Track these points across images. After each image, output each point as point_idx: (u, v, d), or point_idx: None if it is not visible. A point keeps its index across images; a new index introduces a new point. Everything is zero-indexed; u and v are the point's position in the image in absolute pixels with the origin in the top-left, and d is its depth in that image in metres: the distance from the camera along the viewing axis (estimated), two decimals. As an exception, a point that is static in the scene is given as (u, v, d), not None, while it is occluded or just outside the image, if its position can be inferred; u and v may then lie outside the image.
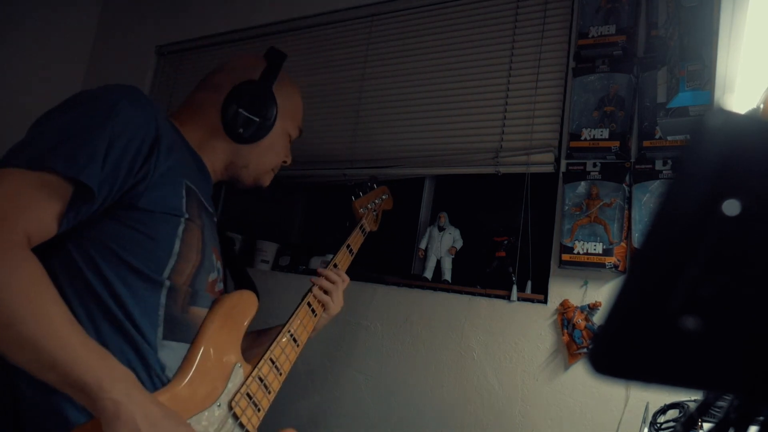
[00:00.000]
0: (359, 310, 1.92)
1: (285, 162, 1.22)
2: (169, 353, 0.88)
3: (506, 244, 1.81)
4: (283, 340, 1.08)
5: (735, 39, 1.01)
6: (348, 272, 2.07)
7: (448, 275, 1.86)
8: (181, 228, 0.91)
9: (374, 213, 1.56)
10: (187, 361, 0.90)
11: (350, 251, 1.39)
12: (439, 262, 1.89)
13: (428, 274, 1.88)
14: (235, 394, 0.94)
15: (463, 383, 1.68)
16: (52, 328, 0.71)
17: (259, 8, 2.52)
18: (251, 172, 1.14)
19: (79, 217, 0.81)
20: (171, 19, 2.81)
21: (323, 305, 1.24)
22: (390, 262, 2.10)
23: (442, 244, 1.89)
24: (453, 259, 1.88)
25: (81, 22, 3.03)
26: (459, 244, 1.90)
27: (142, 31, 2.90)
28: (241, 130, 1.05)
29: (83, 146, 0.79)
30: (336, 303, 1.26)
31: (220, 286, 1.04)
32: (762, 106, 0.96)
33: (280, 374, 1.06)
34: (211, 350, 0.93)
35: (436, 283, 1.83)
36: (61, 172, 0.77)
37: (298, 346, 1.12)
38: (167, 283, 0.89)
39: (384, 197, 1.63)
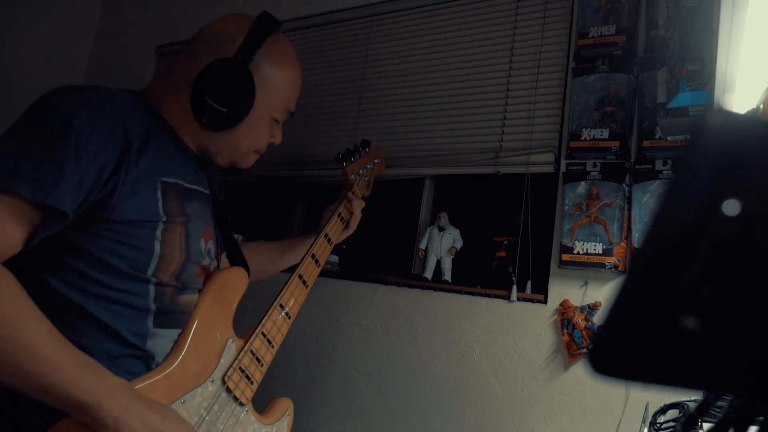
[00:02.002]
0: (359, 310, 1.92)
1: (273, 142, 1.09)
2: (161, 341, 0.89)
3: (506, 244, 1.81)
4: (275, 313, 1.09)
5: (735, 39, 1.01)
6: (348, 272, 2.08)
7: (448, 275, 1.86)
8: (159, 230, 0.88)
9: (366, 179, 1.52)
10: (179, 341, 0.91)
11: (341, 218, 1.38)
12: (439, 262, 1.89)
13: (428, 274, 1.88)
14: (228, 369, 0.96)
15: (463, 383, 1.68)
16: (41, 351, 0.70)
17: (258, 8, 2.51)
18: (225, 157, 1.02)
19: (47, 234, 0.78)
20: (171, 19, 2.81)
21: (346, 226, 1.38)
22: (390, 262, 2.09)
23: (442, 244, 1.89)
24: (453, 259, 1.88)
25: (81, 22, 3.04)
26: (459, 244, 1.90)
27: (142, 31, 2.90)
28: (204, 120, 0.93)
29: (47, 163, 0.75)
30: (355, 223, 1.40)
31: (214, 264, 1.03)
32: (762, 106, 0.96)
33: (272, 347, 1.07)
34: (203, 328, 0.94)
35: (436, 283, 1.83)
36: (27, 196, 0.73)
37: (289, 318, 1.13)
38: (153, 280, 0.88)
39: (376, 161, 1.57)
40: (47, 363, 0.70)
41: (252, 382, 1.01)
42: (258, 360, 1.03)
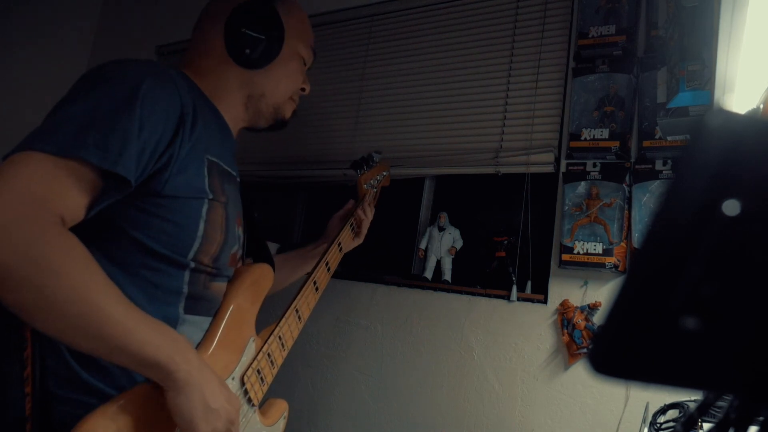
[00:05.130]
0: (359, 310, 1.92)
1: (303, 90, 1.15)
2: (191, 327, 0.90)
3: (506, 244, 1.81)
4: (291, 317, 1.12)
5: (735, 39, 1.01)
6: (348, 272, 2.08)
7: (448, 275, 1.86)
8: (205, 209, 0.88)
9: (374, 190, 1.53)
10: (209, 333, 0.92)
11: (352, 228, 1.41)
12: (439, 262, 1.89)
13: (428, 274, 1.88)
14: (248, 369, 0.97)
15: (463, 383, 1.68)
16: (114, 314, 0.71)
17: (259, 8, 2.51)
18: (269, 101, 1.07)
19: (108, 202, 0.78)
20: (171, 19, 2.81)
21: (356, 235, 1.43)
22: (390, 262, 2.09)
23: (442, 244, 1.89)
24: (453, 259, 1.88)
25: (81, 22, 3.04)
26: (459, 244, 1.90)
27: (142, 31, 2.90)
28: (248, 51, 0.99)
29: (113, 132, 0.74)
30: (364, 233, 1.45)
31: (239, 252, 1.03)
32: (762, 106, 0.96)
33: (284, 350, 1.10)
34: (234, 323, 0.96)
35: (436, 283, 1.83)
36: (95, 163, 0.73)
37: (300, 321, 1.16)
38: (192, 264, 0.88)
39: (384, 174, 1.60)
40: (120, 325, 0.71)
41: (264, 384, 1.02)
42: (272, 362, 1.05)
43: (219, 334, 0.92)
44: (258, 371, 1.00)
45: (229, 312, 0.95)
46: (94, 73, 0.82)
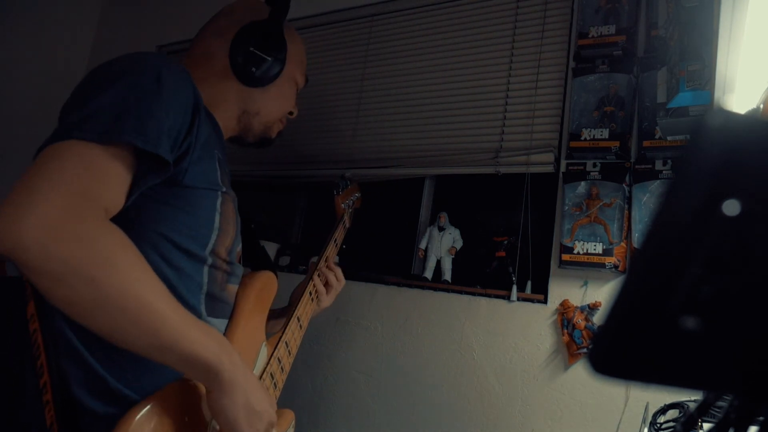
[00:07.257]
0: (359, 310, 1.92)
1: (291, 114, 1.19)
2: None
3: (506, 244, 1.81)
4: (293, 324, 1.15)
5: (735, 39, 1.01)
6: (348, 272, 2.08)
7: (448, 275, 1.86)
8: (219, 201, 0.90)
9: (350, 210, 1.58)
10: (227, 336, 0.93)
11: (336, 244, 1.45)
12: (439, 262, 1.89)
13: (428, 274, 1.88)
14: (263, 373, 0.99)
15: (463, 383, 1.68)
16: (166, 311, 0.70)
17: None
18: (262, 119, 1.10)
19: (145, 188, 0.78)
20: (171, 19, 2.81)
21: (318, 295, 1.32)
22: (390, 262, 2.09)
23: (442, 244, 1.89)
24: (453, 259, 1.88)
25: (82, 22, 3.04)
26: (459, 244, 1.90)
27: (142, 31, 2.90)
28: (253, 69, 1.02)
29: (148, 117, 0.74)
30: (330, 299, 1.35)
31: (240, 251, 1.05)
32: (762, 106, 0.96)
33: (291, 356, 1.13)
34: (247, 327, 0.97)
35: (436, 283, 1.83)
36: (139, 146, 0.72)
37: (301, 329, 1.19)
38: (209, 259, 0.89)
39: (357, 195, 1.65)
40: (172, 323, 0.71)
41: (277, 389, 1.04)
42: (282, 368, 1.07)
43: (237, 336, 0.93)
44: (271, 375, 1.01)
45: (243, 315, 0.96)
46: (110, 66, 0.82)
